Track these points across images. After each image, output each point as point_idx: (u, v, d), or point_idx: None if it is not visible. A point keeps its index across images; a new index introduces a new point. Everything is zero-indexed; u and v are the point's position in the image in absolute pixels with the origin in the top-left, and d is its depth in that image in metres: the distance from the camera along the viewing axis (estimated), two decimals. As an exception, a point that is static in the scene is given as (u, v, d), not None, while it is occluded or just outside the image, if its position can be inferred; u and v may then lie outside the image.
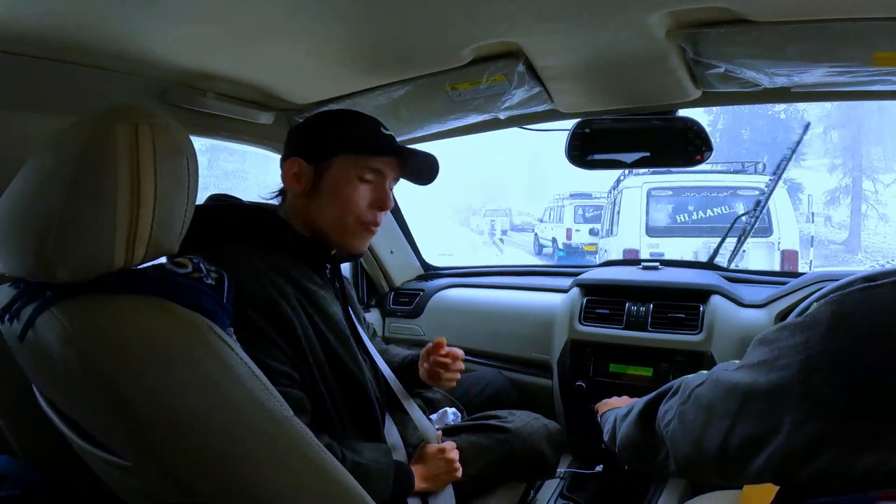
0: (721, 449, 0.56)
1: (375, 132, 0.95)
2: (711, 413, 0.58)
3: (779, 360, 0.51)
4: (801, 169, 15.39)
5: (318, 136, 0.94)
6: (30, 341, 0.55)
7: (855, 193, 13.93)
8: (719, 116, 17.92)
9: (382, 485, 0.85)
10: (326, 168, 0.91)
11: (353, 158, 0.91)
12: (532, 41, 0.96)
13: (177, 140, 0.56)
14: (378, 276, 1.92)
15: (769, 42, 0.87)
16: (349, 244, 0.95)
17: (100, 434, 0.59)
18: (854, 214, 13.74)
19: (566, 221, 9.94)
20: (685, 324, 1.38)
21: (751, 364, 0.55)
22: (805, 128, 2.45)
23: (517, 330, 1.66)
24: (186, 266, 0.62)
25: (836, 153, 15.21)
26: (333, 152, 0.91)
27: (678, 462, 0.66)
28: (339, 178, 0.91)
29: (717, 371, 0.62)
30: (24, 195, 0.55)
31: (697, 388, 0.64)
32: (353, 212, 0.92)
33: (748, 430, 0.53)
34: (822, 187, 14.23)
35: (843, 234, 13.81)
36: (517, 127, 1.37)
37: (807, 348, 0.48)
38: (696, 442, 0.61)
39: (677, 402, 0.67)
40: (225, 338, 0.56)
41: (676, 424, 0.65)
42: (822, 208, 14.07)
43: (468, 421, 1.18)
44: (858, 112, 14.55)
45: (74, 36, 0.82)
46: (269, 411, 0.56)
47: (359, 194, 0.92)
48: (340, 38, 0.94)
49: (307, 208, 0.93)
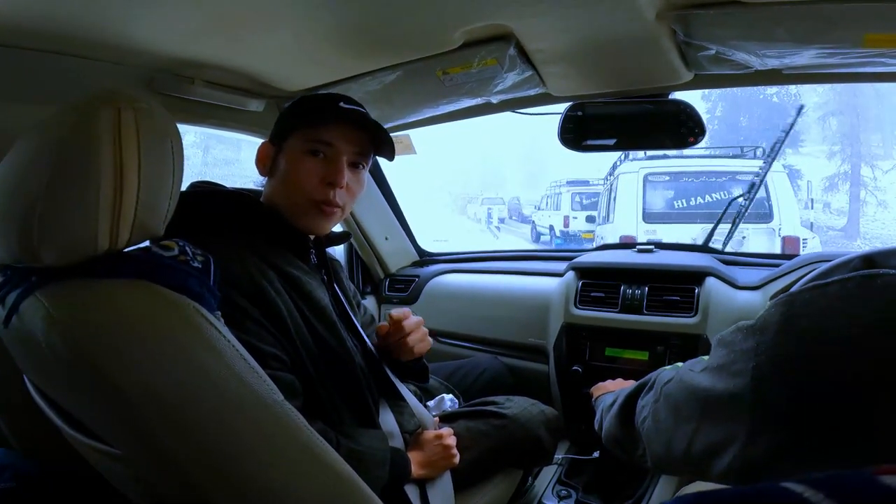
0: (685, 452, 0.54)
1: (330, 105, 0.90)
2: (678, 415, 0.57)
3: (733, 364, 0.48)
4: (800, 156, 15.42)
5: (280, 118, 0.94)
6: (14, 327, 0.54)
7: (854, 180, 13.94)
8: (717, 104, 17.89)
9: (379, 471, 0.84)
10: (283, 147, 0.90)
11: (303, 133, 0.88)
12: (523, 24, 0.95)
13: (161, 123, 0.56)
14: (373, 263, 1.92)
15: (759, 24, 0.87)
16: (305, 225, 0.91)
17: (89, 421, 0.58)
18: (853, 201, 13.76)
19: (563, 209, 9.85)
20: (680, 306, 1.39)
21: (711, 367, 0.52)
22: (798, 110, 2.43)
23: (513, 315, 1.66)
24: (172, 249, 0.61)
25: (835, 140, 15.19)
26: (290, 129, 0.90)
27: (652, 459, 0.65)
28: (291, 155, 0.89)
29: (684, 371, 0.59)
30: (6, 181, 0.54)
31: (666, 385, 0.62)
32: (300, 188, 0.88)
33: (710, 436, 0.50)
34: (821, 174, 14.24)
35: (842, 221, 13.85)
36: (510, 111, 1.36)
37: (756, 354, 0.45)
38: (666, 443, 0.59)
39: (651, 400, 0.66)
40: (212, 320, 0.56)
41: (651, 423, 0.64)
42: (820, 195, 14.08)
43: (465, 407, 1.18)
44: (857, 99, 14.53)
45: (59, 25, 0.81)
46: (257, 393, 0.56)
47: (306, 169, 0.87)
48: (329, 23, 0.93)
49: (269, 191, 0.92)
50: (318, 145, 0.88)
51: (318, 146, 0.88)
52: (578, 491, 1.34)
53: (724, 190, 5.29)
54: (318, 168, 0.88)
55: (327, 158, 0.88)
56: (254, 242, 0.85)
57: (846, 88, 14.51)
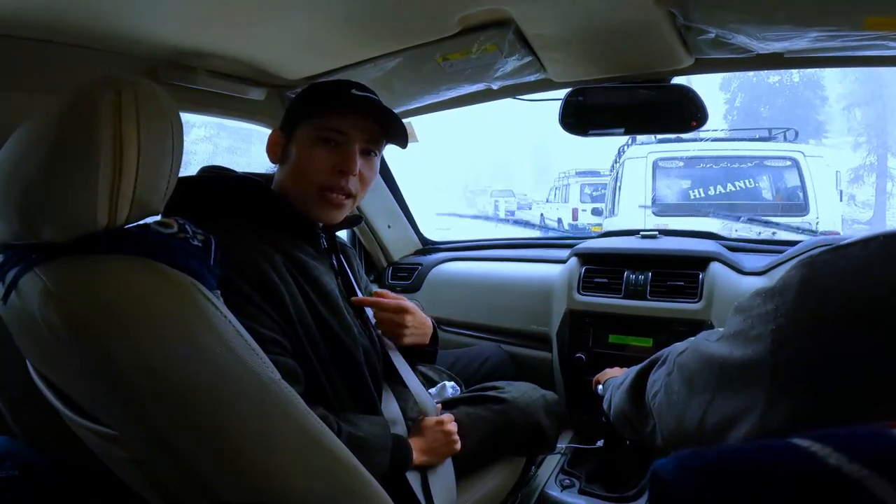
0: (699, 425, 0.53)
1: (341, 92, 0.89)
2: (692, 386, 0.55)
3: (752, 330, 0.46)
4: (823, 147, 15.01)
5: (291, 105, 0.94)
6: (13, 304, 0.55)
7: (880, 171, 13.57)
8: (737, 94, 17.51)
9: (380, 457, 0.84)
10: (294, 135, 0.90)
11: (314, 121, 0.88)
12: (521, 8, 0.95)
13: (161, 103, 0.56)
14: (376, 251, 1.93)
15: (758, 6, 0.86)
16: (315, 213, 0.90)
17: (86, 401, 0.58)
18: (879, 193, 13.40)
19: (572, 201, 9.55)
20: (685, 292, 1.37)
21: (727, 335, 0.51)
22: None
23: (516, 302, 1.66)
24: (172, 226, 0.61)
25: (860, 130, 14.78)
26: (300, 117, 0.89)
27: (664, 436, 0.63)
28: (301, 143, 0.89)
29: (699, 340, 0.57)
30: (8, 164, 0.56)
31: (680, 356, 0.61)
32: (310, 176, 0.87)
33: (726, 407, 0.49)
34: (846, 165, 13.85)
35: (868, 214, 13.49)
36: (511, 97, 1.36)
37: (776, 317, 0.43)
38: (679, 416, 0.58)
39: (664, 373, 0.64)
40: (211, 297, 0.56)
41: (662, 396, 0.62)
42: (845, 187, 13.70)
43: (465, 393, 1.19)
44: (884, 89, 14.09)
45: (62, 15, 0.82)
46: (255, 371, 0.56)
47: (317, 157, 0.87)
48: (328, 11, 0.94)
49: (279, 179, 0.92)
50: (329, 133, 0.87)
51: (330, 134, 0.87)
52: (582, 480, 1.34)
53: (750, 178, 4.61)
54: (329, 156, 0.87)
55: (339, 146, 0.88)
56: (262, 227, 0.85)
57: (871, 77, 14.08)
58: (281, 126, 0.94)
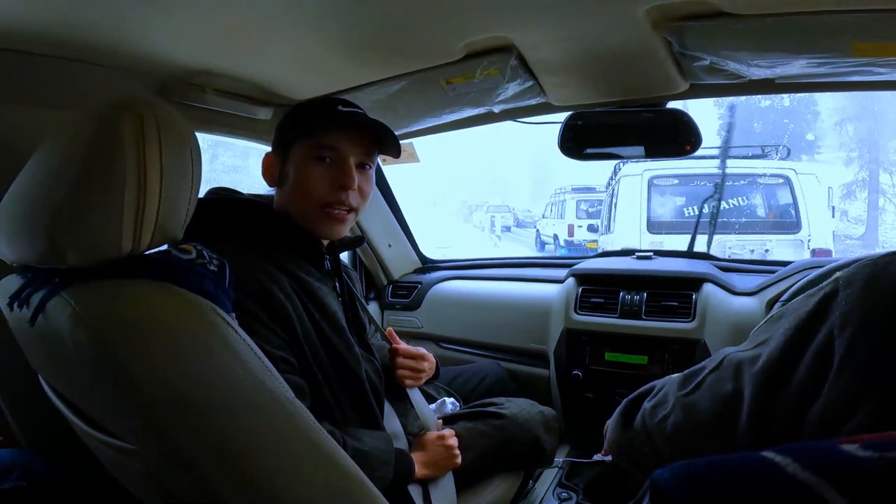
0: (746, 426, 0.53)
1: (329, 110, 0.91)
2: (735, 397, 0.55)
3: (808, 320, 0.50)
4: (816, 163, 15.15)
5: (281, 127, 0.96)
6: (40, 326, 0.56)
7: (872, 187, 13.69)
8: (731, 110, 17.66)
9: (383, 471, 0.86)
10: (288, 157, 0.91)
11: (308, 139, 0.90)
12: (524, 35, 0.98)
13: (181, 130, 0.58)
14: (376, 269, 1.94)
15: (751, 35, 0.89)
16: (319, 232, 0.92)
17: (105, 417, 0.59)
18: (871, 209, 13.51)
19: (568, 217, 9.56)
20: (678, 311, 1.41)
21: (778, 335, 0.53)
22: None
23: (514, 321, 1.68)
24: (190, 252, 0.63)
25: (852, 146, 14.94)
26: (292, 139, 0.91)
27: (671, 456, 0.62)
28: (298, 163, 0.90)
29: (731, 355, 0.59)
30: (32, 186, 0.57)
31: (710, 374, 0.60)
32: (311, 194, 0.89)
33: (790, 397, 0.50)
34: (838, 181, 13.97)
35: (860, 230, 13.58)
36: (511, 120, 1.39)
37: (844, 304, 0.48)
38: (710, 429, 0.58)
39: (675, 395, 0.64)
40: (228, 319, 0.57)
41: (680, 417, 0.62)
42: (837, 202, 13.82)
43: (465, 409, 1.20)
44: (875, 105, 14.27)
45: (72, 32, 0.83)
46: (271, 391, 0.57)
47: (315, 175, 0.89)
48: (336, 34, 0.96)
49: (280, 200, 0.94)
50: (323, 151, 0.89)
51: (324, 152, 0.89)
52: (579, 494, 1.35)
53: (744, 195, 4.77)
54: (326, 173, 0.89)
55: (334, 163, 0.90)
56: (267, 248, 0.86)
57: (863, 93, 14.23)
58: (273, 148, 0.96)
